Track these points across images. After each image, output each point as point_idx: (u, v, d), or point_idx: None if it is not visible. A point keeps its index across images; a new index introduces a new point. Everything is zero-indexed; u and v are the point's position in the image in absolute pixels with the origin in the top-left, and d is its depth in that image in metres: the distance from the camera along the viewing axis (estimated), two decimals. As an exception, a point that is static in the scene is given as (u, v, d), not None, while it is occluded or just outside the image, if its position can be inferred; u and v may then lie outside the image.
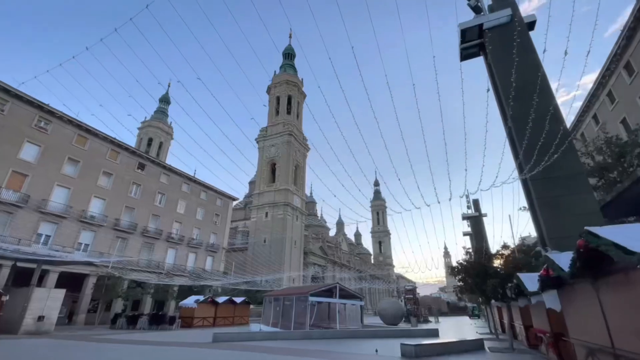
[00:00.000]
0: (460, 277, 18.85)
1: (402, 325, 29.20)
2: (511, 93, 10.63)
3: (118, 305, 32.41)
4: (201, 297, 29.36)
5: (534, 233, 21.48)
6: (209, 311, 29.47)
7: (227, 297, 32.17)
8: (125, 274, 27.63)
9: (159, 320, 26.15)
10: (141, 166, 36.88)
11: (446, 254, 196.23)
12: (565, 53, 9.57)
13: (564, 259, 7.07)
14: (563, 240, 9.03)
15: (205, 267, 41.94)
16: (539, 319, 10.97)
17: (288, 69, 78.46)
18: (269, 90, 77.04)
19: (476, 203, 40.34)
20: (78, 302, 30.01)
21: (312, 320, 18.82)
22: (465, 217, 40.00)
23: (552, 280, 8.12)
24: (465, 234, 46.97)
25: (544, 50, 10.41)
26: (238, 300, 32.88)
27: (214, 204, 46.24)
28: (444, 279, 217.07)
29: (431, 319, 40.77)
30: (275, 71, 79.00)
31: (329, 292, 20.91)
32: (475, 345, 13.12)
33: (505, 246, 15.72)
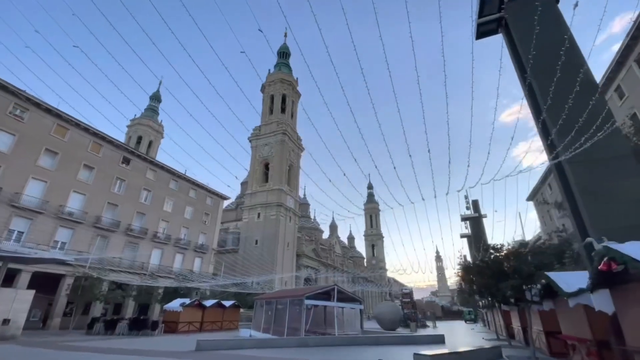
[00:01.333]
0: (469, 278, 17.47)
1: (401, 331, 27.67)
2: (539, 66, 9.37)
3: (98, 309, 30.19)
4: (187, 300, 27.38)
5: (528, 235, 20.19)
6: (195, 315, 27.49)
7: (215, 301, 30.23)
8: (104, 274, 25.51)
9: (140, 325, 24.09)
10: (126, 160, 34.79)
11: (438, 258, 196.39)
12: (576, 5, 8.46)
13: (631, 249, 5.66)
14: (612, 232, 7.67)
15: (193, 268, 39.82)
16: (573, 324, 9.56)
17: (283, 67, 77.08)
18: (262, 89, 75.49)
19: (476, 204, 39.31)
20: (53, 305, 27.77)
21: (307, 325, 17.16)
22: (464, 218, 38.92)
23: (606, 278, 6.75)
24: (462, 236, 46.00)
25: (573, 16, 9.14)
26: (227, 303, 30.97)
27: (204, 203, 44.22)
28: (436, 283, 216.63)
29: (428, 323, 39.36)
30: (269, 70, 77.52)
31: (326, 295, 19.28)
32: (493, 354, 11.67)
33: (523, 244, 14.39)
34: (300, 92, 78.33)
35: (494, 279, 13.51)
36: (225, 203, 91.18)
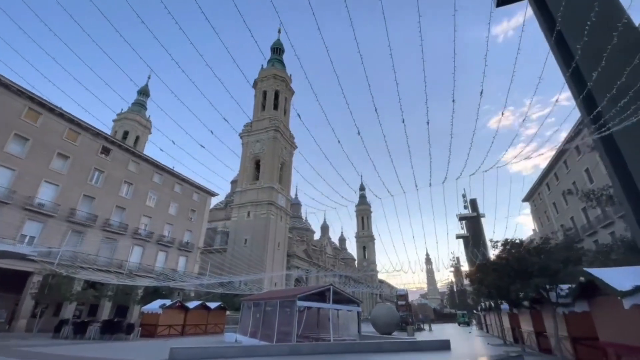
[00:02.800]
0: (479, 278, 16.00)
1: (398, 335, 26.05)
2: (574, 22, 7.95)
3: (70, 310, 27.72)
4: (168, 302, 25.21)
5: (521, 236, 18.92)
6: (176, 318, 25.33)
7: (199, 302, 28.11)
8: (74, 272, 23.14)
9: (113, 328, 21.84)
10: (105, 151, 32.35)
11: (428, 261, 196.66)
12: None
13: None
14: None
15: (177, 268, 37.47)
16: (620, 329, 8.06)
17: (276, 63, 75.26)
18: (255, 85, 73.53)
19: (474, 202, 38.13)
20: (19, 305, 25.25)
21: (300, 329, 15.36)
22: (462, 218, 37.65)
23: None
24: (458, 237, 44.87)
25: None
26: (212, 305, 28.88)
27: (190, 199, 41.89)
28: (425, 286, 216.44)
29: (423, 326, 37.90)
30: (262, 65, 75.58)
31: (320, 296, 17.51)
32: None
33: (546, 239, 12.95)
34: (299, 91, 76.65)
35: (512, 278, 12.01)
36: (215, 201, 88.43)
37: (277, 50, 78.47)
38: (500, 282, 13.27)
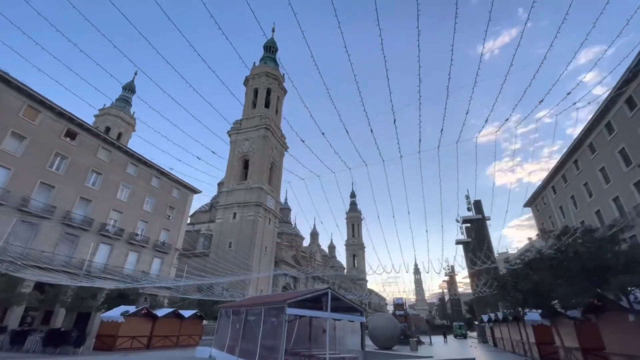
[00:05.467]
0: (511, 280, 13.02)
1: (400, 349, 22.73)
2: None
3: (16, 316, 23.48)
4: (133, 308, 21.33)
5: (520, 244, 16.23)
6: (141, 327, 21.45)
7: (171, 309, 24.23)
8: (16, 270, 19.10)
9: (59, 339, 17.88)
10: (71, 134, 28.40)
11: (417, 271, 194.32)
12: None
13: None
14: None
15: (151, 270, 33.31)
16: None
17: (269, 61, 72.62)
18: (246, 82, 70.65)
19: (478, 204, 35.40)
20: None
21: (290, 343, 11.99)
22: (465, 220, 34.82)
23: None
24: (458, 243, 42.13)
25: None
26: (187, 313, 25.03)
27: (169, 195, 37.91)
28: (413, 296, 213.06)
29: (423, 339, 34.60)
30: (254, 62, 72.87)
31: (315, 303, 14.16)
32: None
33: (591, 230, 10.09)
34: (293, 94, 73.88)
35: (574, 277, 9.04)
36: (200, 203, 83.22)
37: (270, 48, 76.07)
38: (549, 282, 10.28)
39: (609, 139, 26.79)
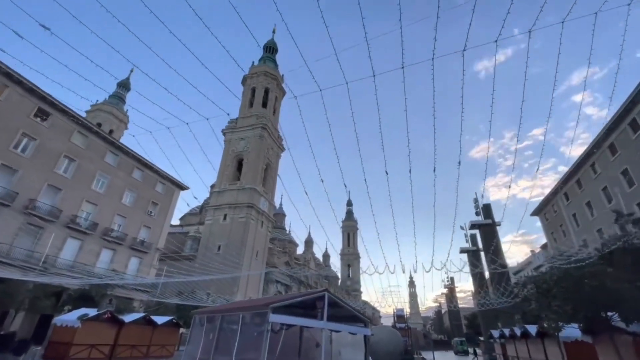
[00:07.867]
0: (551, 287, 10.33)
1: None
2: None
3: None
4: (93, 311, 18.21)
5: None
6: (103, 334, 18.25)
7: (141, 315, 21.04)
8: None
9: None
10: (43, 113, 25.55)
11: (411, 284, 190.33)
12: None
13: None
14: None
15: (127, 270, 30.02)
16: None
17: (268, 61, 70.86)
18: (244, 81, 68.65)
19: (487, 208, 32.69)
20: None
21: (273, 358, 9.11)
22: (474, 225, 31.95)
23: None
24: (462, 251, 39.33)
25: None
26: (160, 320, 21.79)
27: (152, 189, 34.83)
28: (407, 309, 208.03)
29: (424, 355, 31.45)
30: (253, 62, 71.04)
31: (308, 309, 11.32)
32: None
33: None
34: (286, 91, 71.74)
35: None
36: (190, 206, 79.85)
37: (271, 49, 74.43)
38: (613, 286, 7.60)
39: (634, 138, 24.58)
